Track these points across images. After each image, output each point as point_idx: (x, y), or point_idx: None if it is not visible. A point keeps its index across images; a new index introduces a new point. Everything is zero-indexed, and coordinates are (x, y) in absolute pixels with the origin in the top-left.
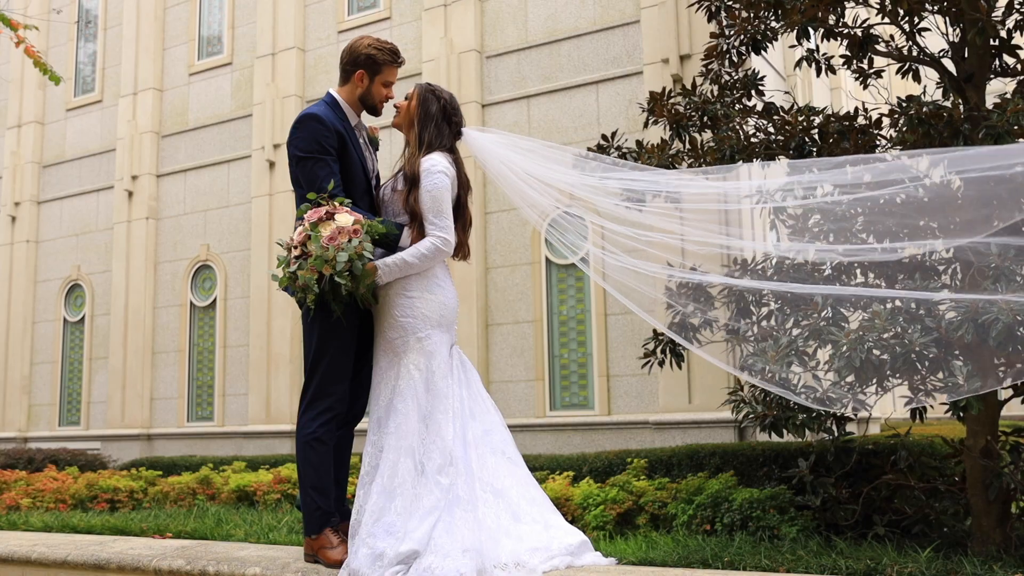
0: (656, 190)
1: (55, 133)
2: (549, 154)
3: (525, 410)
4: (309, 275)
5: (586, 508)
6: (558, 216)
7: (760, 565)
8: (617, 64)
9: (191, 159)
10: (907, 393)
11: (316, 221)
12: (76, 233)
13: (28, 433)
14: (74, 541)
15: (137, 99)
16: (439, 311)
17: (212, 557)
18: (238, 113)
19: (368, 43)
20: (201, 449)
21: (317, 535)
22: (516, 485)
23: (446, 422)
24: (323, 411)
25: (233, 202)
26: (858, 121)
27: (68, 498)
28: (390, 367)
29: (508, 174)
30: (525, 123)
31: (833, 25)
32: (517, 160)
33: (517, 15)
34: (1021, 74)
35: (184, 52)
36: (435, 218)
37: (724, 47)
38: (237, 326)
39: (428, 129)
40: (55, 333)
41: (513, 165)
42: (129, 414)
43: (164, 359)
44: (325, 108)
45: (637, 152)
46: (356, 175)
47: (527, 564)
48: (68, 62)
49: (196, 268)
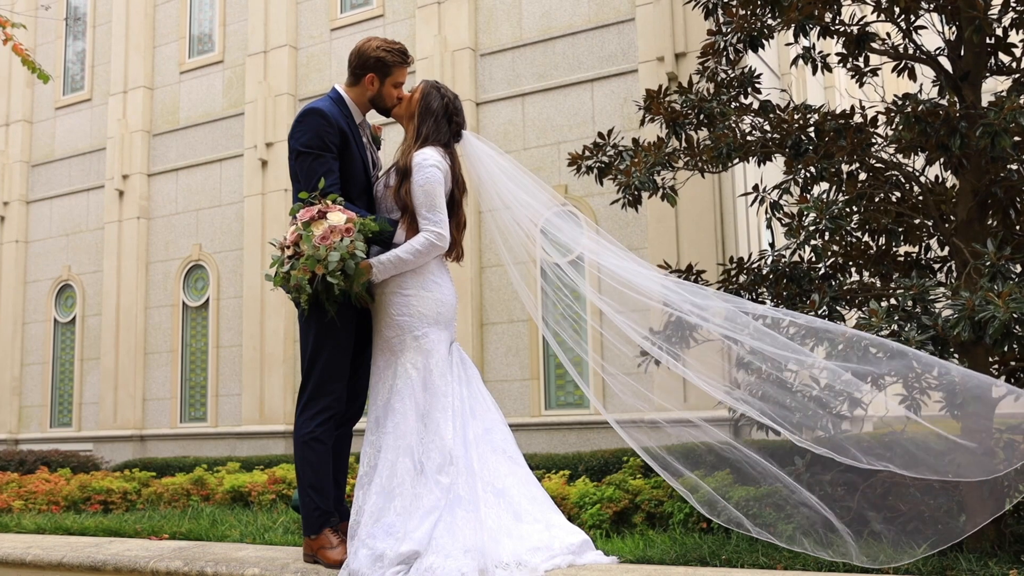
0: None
1: (44, 132)
2: (533, 190)
3: (520, 409)
4: (302, 275)
5: (582, 507)
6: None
7: (758, 563)
8: (612, 62)
9: (182, 158)
10: (902, 390)
11: (308, 220)
12: (66, 233)
13: (19, 435)
14: (69, 543)
15: (127, 97)
16: (436, 308)
17: (210, 558)
18: (230, 111)
19: (377, 45)
20: (194, 450)
21: (316, 535)
22: (517, 484)
23: (445, 421)
24: (321, 410)
25: (225, 201)
26: (854, 119)
27: (61, 500)
28: (388, 366)
29: (492, 194)
30: (520, 121)
31: (829, 23)
32: (503, 182)
33: (511, 13)
34: (1017, 72)
35: (175, 50)
36: (428, 212)
37: (721, 44)
38: (230, 326)
39: (427, 123)
40: (46, 334)
41: (499, 186)
42: (121, 415)
43: (156, 360)
44: (330, 104)
45: (633, 150)
46: (356, 173)
47: (529, 563)
48: (56, 60)
49: (188, 268)
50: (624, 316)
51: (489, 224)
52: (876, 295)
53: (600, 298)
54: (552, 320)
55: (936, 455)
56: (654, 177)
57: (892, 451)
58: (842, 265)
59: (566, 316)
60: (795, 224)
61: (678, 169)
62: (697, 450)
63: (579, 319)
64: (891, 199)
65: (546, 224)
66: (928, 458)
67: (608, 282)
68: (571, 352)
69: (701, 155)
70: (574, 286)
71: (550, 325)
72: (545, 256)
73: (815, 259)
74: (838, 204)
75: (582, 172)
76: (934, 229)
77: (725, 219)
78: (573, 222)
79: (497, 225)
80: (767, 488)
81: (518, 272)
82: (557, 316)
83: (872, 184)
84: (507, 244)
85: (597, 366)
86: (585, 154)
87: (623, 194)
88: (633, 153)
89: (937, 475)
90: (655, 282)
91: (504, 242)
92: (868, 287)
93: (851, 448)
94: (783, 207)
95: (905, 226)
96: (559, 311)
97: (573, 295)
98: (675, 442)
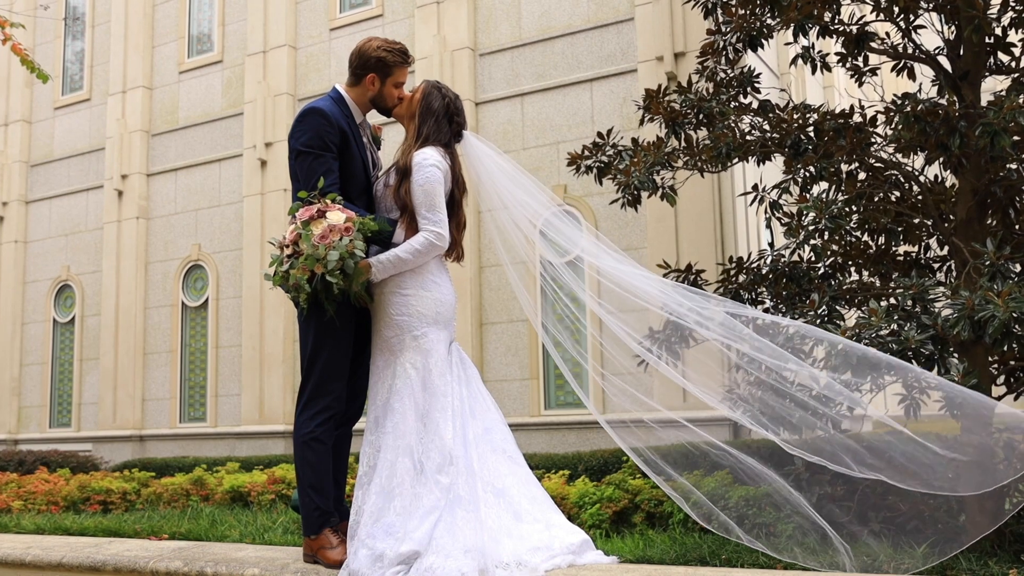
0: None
1: (43, 132)
2: (532, 190)
3: (520, 409)
4: (301, 274)
5: (582, 507)
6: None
7: (758, 562)
8: (611, 62)
9: (181, 158)
10: (902, 390)
11: (308, 219)
12: (65, 233)
13: (18, 435)
14: (69, 543)
15: (126, 97)
16: (435, 308)
17: (210, 558)
18: (229, 111)
19: (377, 45)
20: (194, 450)
21: (316, 535)
22: (517, 484)
23: (444, 421)
24: (321, 410)
25: (224, 201)
26: (853, 119)
27: (60, 500)
28: (387, 366)
29: (492, 193)
30: (519, 121)
31: (829, 22)
32: (503, 182)
33: (511, 12)
34: (1016, 71)
35: (173, 50)
36: (428, 212)
37: (720, 44)
38: (229, 326)
39: (428, 123)
40: (45, 334)
41: (498, 186)
42: (121, 415)
43: (156, 360)
44: (331, 103)
45: (633, 150)
46: (356, 173)
47: (529, 564)
48: (55, 60)
49: (187, 268)
50: (620, 318)
51: (488, 224)
52: (876, 294)
53: (599, 303)
54: (551, 323)
55: (927, 468)
56: (653, 177)
57: (885, 460)
58: (841, 265)
59: (565, 317)
60: (794, 224)
61: (677, 169)
62: (691, 454)
63: (577, 320)
64: (890, 198)
65: (545, 225)
66: (920, 471)
67: (607, 284)
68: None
69: (700, 155)
70: (571, 287)
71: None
72: (544, 256)
73: (814, 259)
74: (837, 203)
75: (581, 172)
76: (933, 228)
77: (724, 219)
78: (572, 224)
79: (496, 225)
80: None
81: (516, 272)
82: (555, 318)
83: (871, 183)
84: (506, 244)
85: (597, 374)
86: (584, 154)
87: (622, 194)
88: (632, 153)
89: (930, 489)
90: (653, 286)
91: (503, 242)
92: (868, 286)
93: (844, 456)
94: (782, 207)
95: (904, 225)
96: (557, 311)
97: (570, 296)
98: (666, 443)
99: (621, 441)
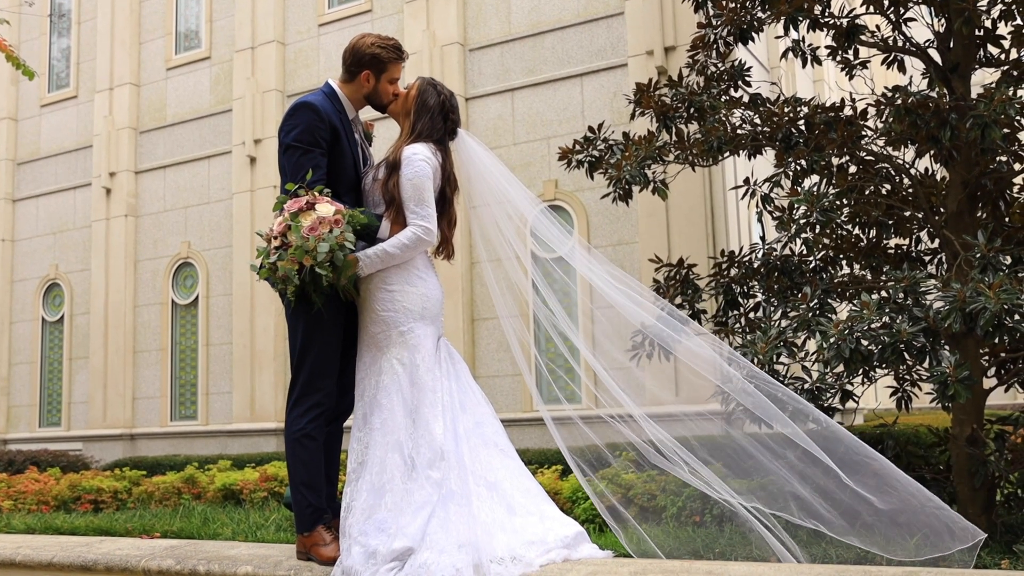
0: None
1: (29, 129)
2: (521, 191)
3: (512, 405)
4: (290, 266)
5: (575, 502)
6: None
7: (751, 556)
8: (601, 56)
9: (170, 155)
10: (893, 383)
11: (297, 211)
12: (53, 231)
13: (7, 435)
14: (59, 542)
15: (113, 94)
16: (421, 303)
17: (202, 556)
18: (217, 108)
19: (371, 41)
20: (185, 448)
21: (309, 532)
22: (510, 477)
23: (434, 416)
24: (311, 407)
25: (214, 198)
26: (844, 112)
27: (51, 500)
28: (374, 362)
29: (484, 189)
30: (509, 116)
31: (819, 15)
32: (495, 176)
33: (500, 7)
34: (1006, 64)
35: (161, 46)
36: (416, 207)
37: (711, 38)
38: (220, 324)
39: (422, 119)
40: (33, 333)
41: (490, 180)
42: (111, 414)
43: (146, 358)
44: (323, 98)
45: (624, 144)
46: (345, 169)
47: (524, 558)
48: (41, 57)
49: (177, 265)
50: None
51: (473, 221)
52: (867, 287)
53: (593, 305)
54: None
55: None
56: (645, 171)
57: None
58: (833, 258)
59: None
60: (786, 217)
61: (669, 163)
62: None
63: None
64: (881, 191)
65: (535, 223)
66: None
67: (598, 288)
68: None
69: (692, 149)
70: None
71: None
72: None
73: (806, 252)
74: (829, 197)
75: (572, 166)
76: (924, 221)
77: (716, 213)
78: (559, 225)
79: (480, 223)
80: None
81: (492, 269)
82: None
83: (862, 177)
84: (487, 240)
85: (589, 379)
86: (576, 148)
87: (614, 188)
88: (624, 147)
89: (864, 545)
90: (632, 301)
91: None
92: (859, 279)
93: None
94: (774, 200)
95: (896, 218)
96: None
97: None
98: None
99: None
